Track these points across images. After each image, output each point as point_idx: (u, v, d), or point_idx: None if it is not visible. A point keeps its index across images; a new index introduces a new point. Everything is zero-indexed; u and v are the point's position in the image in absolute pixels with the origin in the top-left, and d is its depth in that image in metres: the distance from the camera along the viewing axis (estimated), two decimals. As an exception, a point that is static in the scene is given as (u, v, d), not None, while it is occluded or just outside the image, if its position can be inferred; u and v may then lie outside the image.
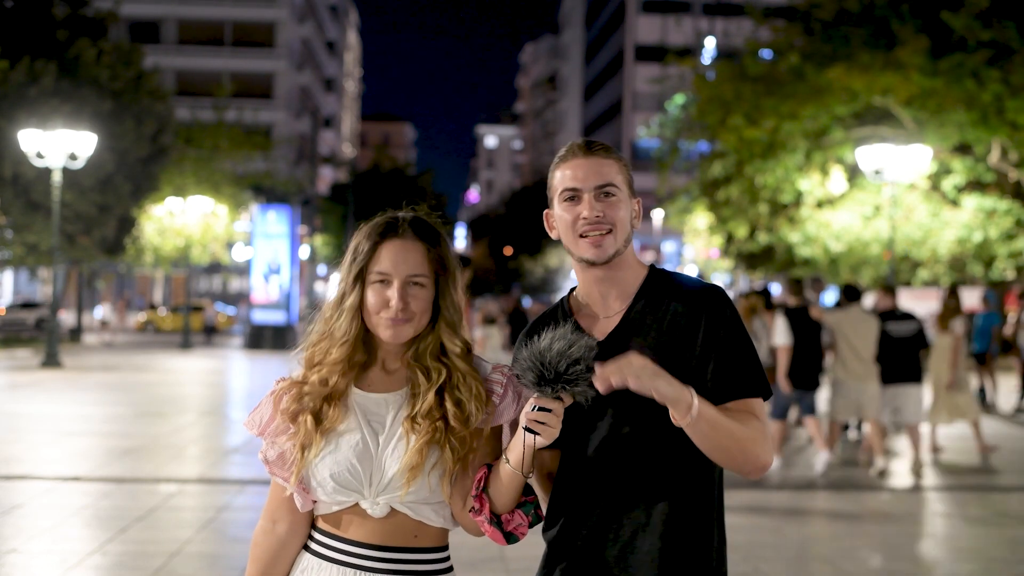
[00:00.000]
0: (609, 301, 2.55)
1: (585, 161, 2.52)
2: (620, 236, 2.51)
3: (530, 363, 2.29)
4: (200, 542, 7.76)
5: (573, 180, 2.52)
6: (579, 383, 2.28)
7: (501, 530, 2.41)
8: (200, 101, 48.12)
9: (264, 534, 2.52)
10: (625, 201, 2.53)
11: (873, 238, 27.63)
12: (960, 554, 7.98)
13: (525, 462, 2.35)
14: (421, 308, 2.43)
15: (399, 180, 68.98)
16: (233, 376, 24.91)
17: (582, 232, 2.50)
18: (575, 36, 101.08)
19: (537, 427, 2.28)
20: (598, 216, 2.48)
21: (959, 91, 25.58)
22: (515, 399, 2.48)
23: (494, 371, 2.51)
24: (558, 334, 2.31)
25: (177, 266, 45.39)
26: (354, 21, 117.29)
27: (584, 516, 2.47)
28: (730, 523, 9.02)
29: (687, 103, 35.85)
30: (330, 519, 2.46)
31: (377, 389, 2.47)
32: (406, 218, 2.49)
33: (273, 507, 2.51)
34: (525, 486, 2.42)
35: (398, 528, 2.42)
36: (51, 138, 24.54)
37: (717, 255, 41.67)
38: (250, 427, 2.52)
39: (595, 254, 2.49)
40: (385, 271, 2.42)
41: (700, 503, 2.46)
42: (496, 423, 2.48)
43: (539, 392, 2.29)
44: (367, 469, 2.39)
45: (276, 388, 2.52)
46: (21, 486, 9.76)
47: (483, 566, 6.98)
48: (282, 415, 2.46)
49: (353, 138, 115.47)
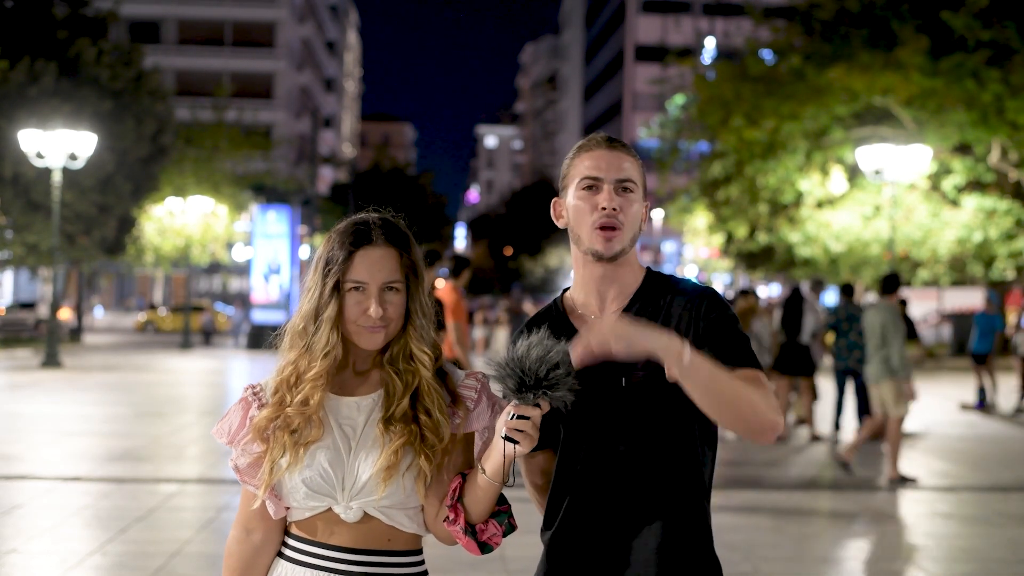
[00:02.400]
0: (607, 300, 2.54)
1: (608, 153, 2.52)
2: (629, 234, 2.51)
3: (509, 370, 2.26)
4: (200, 542, 7.76)
5: (595, 169, 2.51)
6: (559, 388, 2.26)
7: (476, 540, 2.39)
8: (200, 101, 48.09)
9: (238, 543, 2.49)
10: (639, 200, 2.53)
11: (873, 238, 27.64)
12: (960, 554, 7.97)
13: (504, 471, 2.33)
14: (397, 313, 2.41)
15: (399, 180, 69.05)
16: (233, 376, 24.90)
17: (599, 223, 2.49)
18: (575, 36, 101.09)
19: (516, 435, 2.26)
20: (615, 209, 2.48)
21: (959, 91, 25.59)
22: (489, 406, 2.46)
23: (468, 377, 2.49)
24: (534, 341, 2.28)
25: (177, 266, 45.40)
26: (354, 21, 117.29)
27: (582, 516, 2.47)
28: (730, 523, 8.93)
29: (687, 103, 35.84)
30: (303, 525, 2.44)
31: (348, 393, 2.44)
32: (376, 223, 2.44)
33: (246, 516, 2.48)
34: (499, 495, 2.40)
35: (372, 532, 2.40)
36: (51, 138, 24.53)
37: (716, 255, 41.68)
38: (219, 435, 2.48)
39: (605, 247, 2.48)
40: (362, 279, 2.39)
41: (695, 502, 2.47)
42: (468, 429, 2.45)
43: (519, 399, 2.26)
44: (339, 473, 2.37)
45: (245, 395, 2.49)
46: (21, 486, 9.76)
47: (483, 566, 6.98)
48: (254, 432, 2.42)
49: (353, 138, 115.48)
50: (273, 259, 34.71)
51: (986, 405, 17.78)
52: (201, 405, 17.99)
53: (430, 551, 2.57)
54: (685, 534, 2.44)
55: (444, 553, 7.40)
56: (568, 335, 2.46)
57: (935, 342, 35.94)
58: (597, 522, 2.46)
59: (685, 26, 69.91)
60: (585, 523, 2.47)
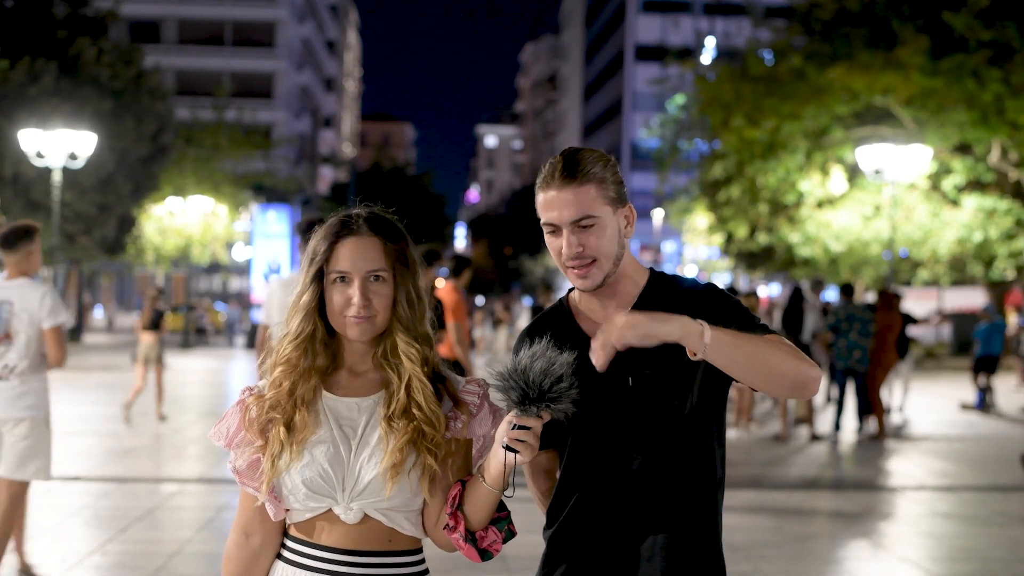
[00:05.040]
0: (609, 310, 2.54)
1: (559, 195, 2.47)
2: (606, 264, 2.48)
3: (513, 382, 2.26)
4: (200, 542, 7.76)
5: (550, 215, 2.48)
6: (562, 401, 2.26)
7: (476, 547, 2.39)
8: (200, 101, 48.06)
9: (238, 548, 2.48)
10: (608, 225, 2.48)
11: (873, 238, 27.62)
12: (960, 554, 7.97)
13: (504, 480, 2.33)
14: (383, 304, 2.40)
15: (399, 180, 69.00)
16: (233, 376, 24.89)
17: (568, 265, 2.48)
18: (575, 36, 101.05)
19: (517, 445, 2.27)
20: (578, 251, 2.46)
21: (959, 91, 25.59)
22: (490, 413, 2.45)
23: (469, 383, 2.48)
24: (536, 351, 2.28)
25: (177, 266, 45.38)
26: (354, 21, 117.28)
27: (588, 514, 2.47)
28: (730, 523, 8.99)
29: (687, 103, 35.85)
30: (303, 527, 2.43)
31: (347, 393, 2.44)
32: (361, 215, 2.45)
33: (245, 519, 2.47)
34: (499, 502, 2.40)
35: (372, 533, 2.39)
36: (51, 138, 24.52)
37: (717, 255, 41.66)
38: (217, 438, 2.48)
39: (583, 284, 2.49)
40: (344, 269, 2.39)
41: (703, 502, 2.46)
42: (469, 435, 2.44)
43: (522, 411, 2.27)
44: (339, 474, 2.36)
45: (242, 397, 2.49)
46: (21, 486, 9.75)
47: (483, 566, 6.98)
48: (249, 428, 2.42)
49: (353, 138, 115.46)
50: (273, 259, 34.71)
51: (986, 406, 17.77)
52: (201, 405, 17.99)
53: (430, 551, 2.57)
54: (693, 533, 2.44)
55: (444, 553, 7.40)
56: (574, 338, 2.46)
57: (935, 342, 35.94)
58: (603, 520, 2.46)
59: (685, 26, 69.81)
60: (591, 521, 2.47)
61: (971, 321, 31.30)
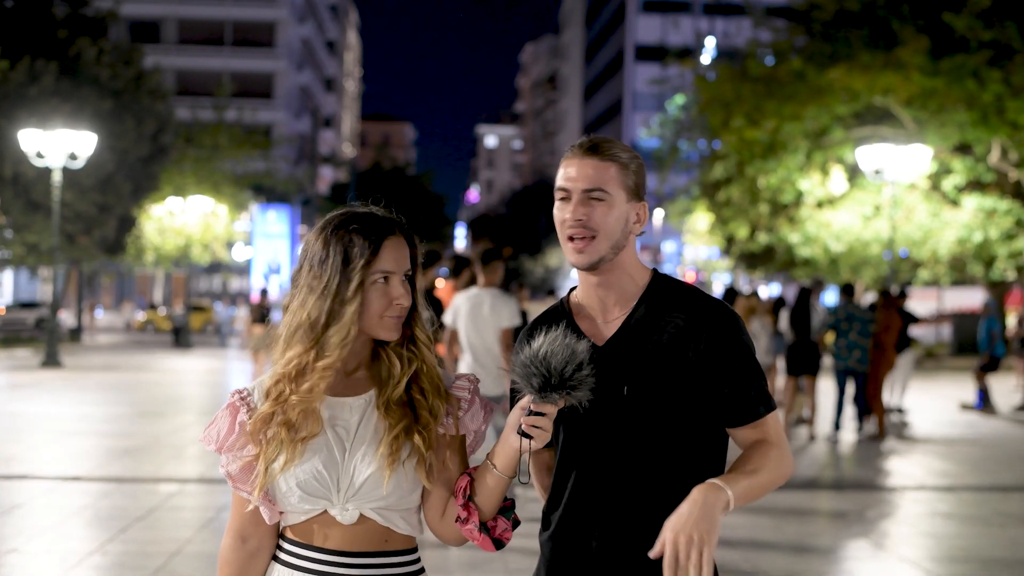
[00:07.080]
0: (608, 306, 2.52)
1: (580, 162, 2.47)
2: (604, 243, 2.45)
3: (534, 369, 2.27)
4: (200, 542, 7.76)
5: (565, 180, 2.48)
6: (582, 388, 2.28)
7: (490, 536, 2.40)
8: (200, 101, 48.10)
9: (233, 551, 2.48)
10: (617, 206, 2.46)
11: (873, 238, 27.63)
12: (960, 554, 7.97)
13: (516, 465, 2.35)
14: (410, 304, 2.42)
15: (399, 180, 69.03)
16: (233, 376, 24.89)
17: (567, 234, 2.47)
18: (575, 36, 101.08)
19: (533, 431, 2.28)
20: (579, 220, 2.44)
21: (960, 91, 25.60)
22: (482, 408, 2.46)
23: (459, 379, 2.49)
24: (554, 338, 2.29)
25: (178, 265, 45.39)
26: (354, 21, 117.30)
27: (581, 516, 2.47)
28: (730, 523, 8.94)
29: (687, 104, 35.85)
30: (298, 529, 2.42)
31: (340, 393, 2.42)
32: (391, 214, 2.44)
33: (240, 523, 2.47)
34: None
35: (368, 533, 2.39)
36: (51, 138, 24.53)
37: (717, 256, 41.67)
38: (207, 443, 2.46)
39: (576, 259, 2.47)
40: (389, 269, 2.37)
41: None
42: (462, 431, 2.45)
43: (541, 398, 2.28)
44: (334, 475, 2.35)
45: (232, 400, 2.47)
46: (21, 486, 9.76)
47: (483, 566, 6.96)
48: (249, 434, 2.41)
49: (353, 138, 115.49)
50: (273, 259, 34.72)
51: (986, 406, 17.76)
52: (201, 405, 17.98)
53: (429, 551, 2.57)
54: None
55: (444, 553, 7.40)
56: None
57: (935, 342, 35.93)
58: (596, 525, 2.45)
59: (685, 26, 69.82)
60: (584, 526, 2.46)
61: (971, 321, 31.31)
